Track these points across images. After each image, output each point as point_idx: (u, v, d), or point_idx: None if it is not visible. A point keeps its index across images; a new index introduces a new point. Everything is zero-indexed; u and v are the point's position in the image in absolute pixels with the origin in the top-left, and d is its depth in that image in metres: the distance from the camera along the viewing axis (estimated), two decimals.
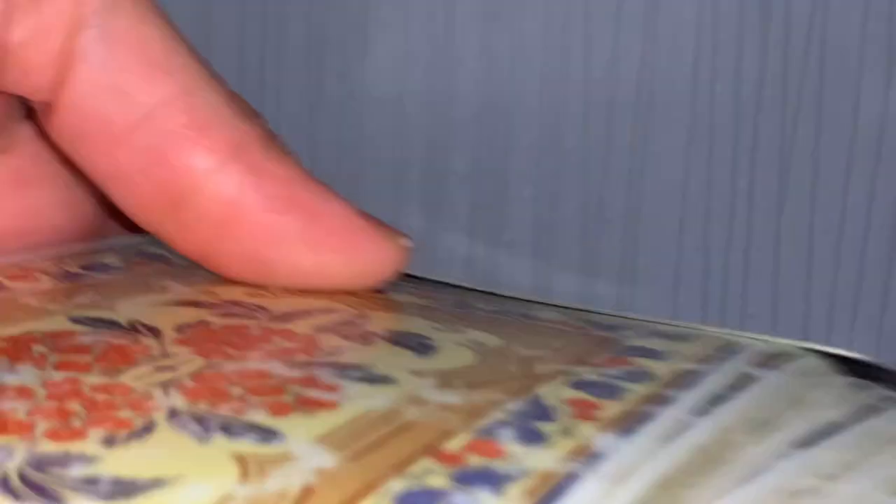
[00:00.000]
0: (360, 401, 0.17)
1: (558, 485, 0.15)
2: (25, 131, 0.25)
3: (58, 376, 0.17)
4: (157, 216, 0.23)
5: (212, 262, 0.23)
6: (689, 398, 0.18)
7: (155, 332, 0.20)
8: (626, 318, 0.24)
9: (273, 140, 0.23)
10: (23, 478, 0.14)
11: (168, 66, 0.22)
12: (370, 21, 0.47)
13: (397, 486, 0.14)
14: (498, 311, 0.24)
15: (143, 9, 0.22)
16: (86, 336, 0.19)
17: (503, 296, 0.25)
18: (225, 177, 0.22)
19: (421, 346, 0.20)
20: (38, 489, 0.14)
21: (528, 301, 0.25)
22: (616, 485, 0.15)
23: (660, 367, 0.20)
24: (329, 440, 0.16)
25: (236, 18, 0.48)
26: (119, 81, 0.21)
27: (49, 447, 0.15)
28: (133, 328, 0.20)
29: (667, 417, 0.17)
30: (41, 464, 0.14)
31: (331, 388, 0.18)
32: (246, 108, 0.23)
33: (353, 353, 0.19)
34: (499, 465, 0.15)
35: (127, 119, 0.22)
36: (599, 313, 0.24)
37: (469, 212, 0.48)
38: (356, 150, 0.48)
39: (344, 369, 0.18)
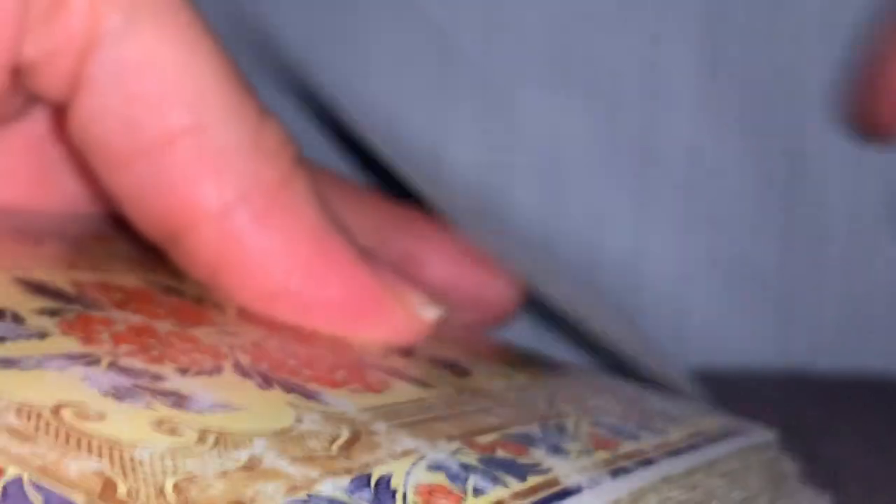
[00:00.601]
0: (401, 393, 0.19)
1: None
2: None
3: (136, 318, 0.19)
4: (158, 241, 0.22)
5: (215, 290, 0.22)
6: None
7: (219, 306, 0.21)
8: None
9: (291, 183, 0.21)
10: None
11: (182, 97, 0.20)
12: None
13: (431, 455, 0.16)
14: (526, 356, 0.25)
15: (166, 30, 0.20)
16: (158, 296, 0.21)
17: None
18: (225, 224, 0.21)
19: (457, 368, 0.22)
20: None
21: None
22: None
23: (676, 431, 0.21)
24: (372, 411, 0.17)
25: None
26: (126, 110, 0.20)
27: (129, 362, 0.16)
28: (198, 300, 0.21)
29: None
30: (121, 370, 0.16)
31: (377, 380, 0.19)
32: (272, 141, 0.21)
33: (395, 360, 0.21)
34: (521, 461, 0.17)
35: (130, 148, 0.21)
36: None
37: None
38: None
39: (387, 371, 0.20)
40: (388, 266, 0.22)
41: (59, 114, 0.22)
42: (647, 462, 0.19)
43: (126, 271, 0.22)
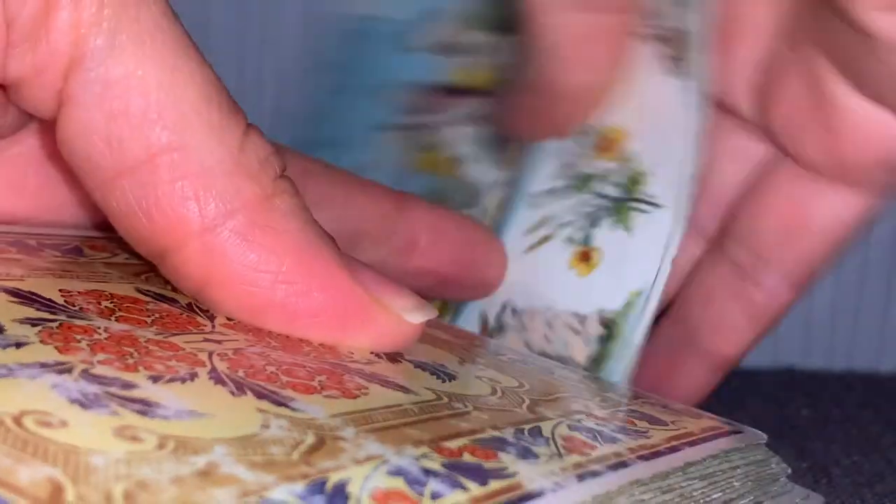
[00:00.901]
0: (378, 398, 0.19)
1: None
2: None
3: (119, 326, 0.19)
4: (147, 256, 0.22)
5: (204, 304, 0.22)
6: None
7: (209, 313, 0.22)
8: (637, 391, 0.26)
9: (273, 198, 0.22)
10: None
11: (163, 115, 0.21)
12: None
13: (395, 460, 0.16)
14: (519, 361, 0.26)
15: (149, 49, 0.21)
16: (148, 304, 0.21)
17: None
18: (209, 241, 0.21)
19: (442, 373, 0.22)
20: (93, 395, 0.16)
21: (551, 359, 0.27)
22: None
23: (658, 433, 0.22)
24: (343, 416, 0.18)
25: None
26: (109, 128, 0.21)
27: (102, 370, 0.17)
28: (189, 307, 0.22)
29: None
30: (93, 378, 0.16)
31: (355, 385, 0.20)
32: (254, 157, 0.22)
33: (379, 366, 0.22)
34: (487, 465, 0.17)
35: (114, 165, 0.21)
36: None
37: None
38: None
39: (368, 377, 0.20)
40: (375, 272, 0.23)
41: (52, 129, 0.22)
42: (621, 465, 0.19)
43: (121, 280, 0.22)
